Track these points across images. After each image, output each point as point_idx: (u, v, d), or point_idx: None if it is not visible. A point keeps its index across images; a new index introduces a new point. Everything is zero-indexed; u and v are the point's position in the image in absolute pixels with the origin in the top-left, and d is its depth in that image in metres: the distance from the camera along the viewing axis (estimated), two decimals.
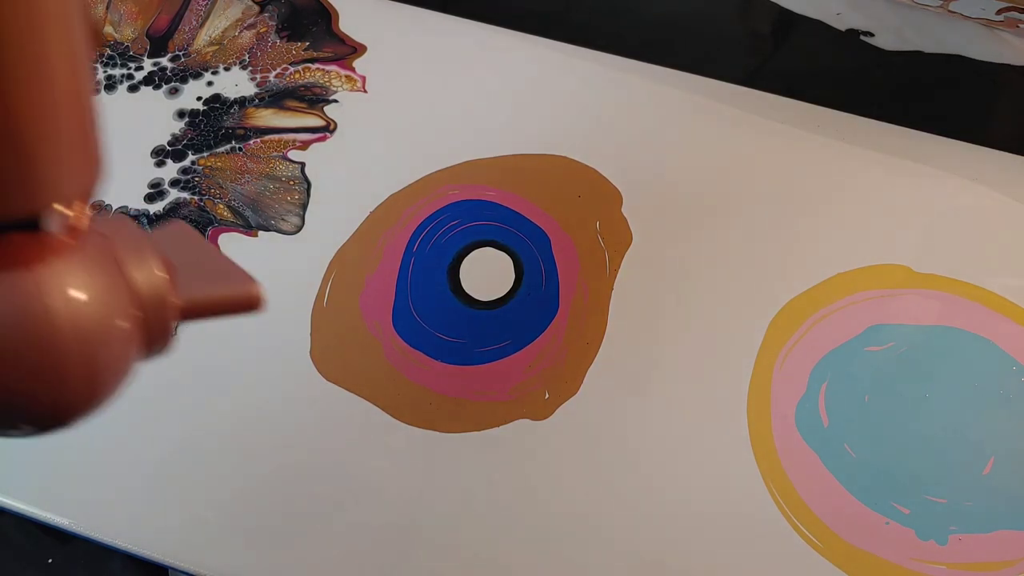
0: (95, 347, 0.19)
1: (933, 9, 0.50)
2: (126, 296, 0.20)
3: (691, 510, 0.35)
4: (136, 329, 0.21)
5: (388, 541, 0.35)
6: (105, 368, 0.20)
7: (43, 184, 0.17)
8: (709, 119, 0.46)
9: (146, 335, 0.21)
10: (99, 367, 0.20)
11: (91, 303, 0.19)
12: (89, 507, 0.36)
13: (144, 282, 0.21)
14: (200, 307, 0.24)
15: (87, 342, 0.19)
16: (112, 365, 0.20)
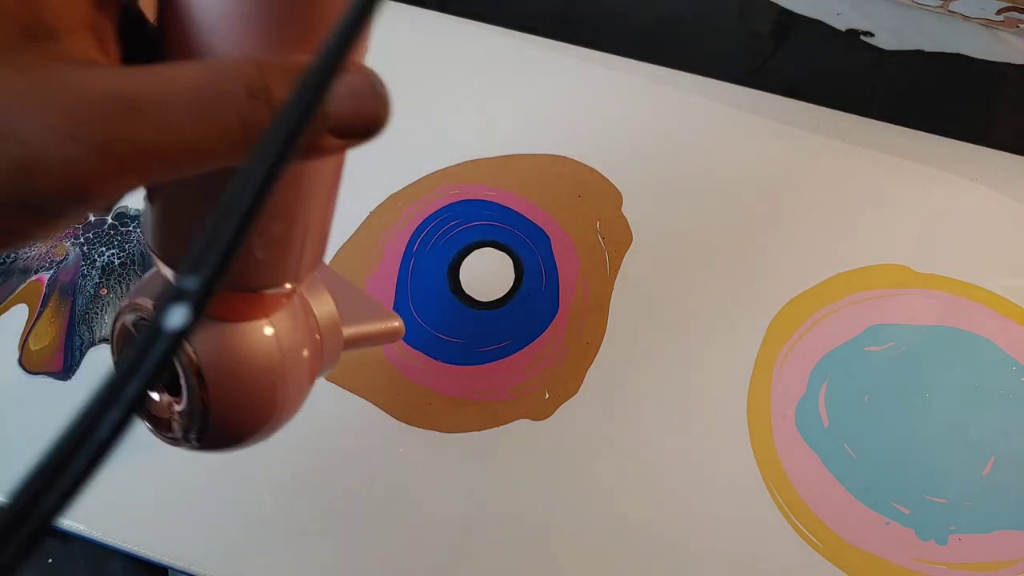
0: (296, 374, 0.25)
1: (933, 9, 0.50)
2: (312, 331, 0.26)
3: (691, 509, 0.35)
4: (316, 357, 0.26)
5: (388, 540, 0.35)
6: (297, 391, 0.26)
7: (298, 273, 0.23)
8: (709, 119, 0.46)
9: (320, 362, 0.27)
10: (296, 390, 0.25)
11: (296, 341, 0.25)
12: (89, 507, 0.36)
13: (323, 318, 0.27)
14: (358, 338, 0.29)
15: (293, 369, 0.25)
16: (302, 388, 0.26)
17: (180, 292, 0.11)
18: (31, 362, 0.40)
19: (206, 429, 0.24)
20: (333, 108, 0.18)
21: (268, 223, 0.21)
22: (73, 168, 0.16)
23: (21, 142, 0.15)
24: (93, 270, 0.42)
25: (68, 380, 0.39)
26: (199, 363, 0.23)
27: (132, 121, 0.16)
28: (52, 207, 0.16)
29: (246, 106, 0.17)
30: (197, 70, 0.17)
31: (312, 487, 0.36)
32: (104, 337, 0.40)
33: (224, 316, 0.23)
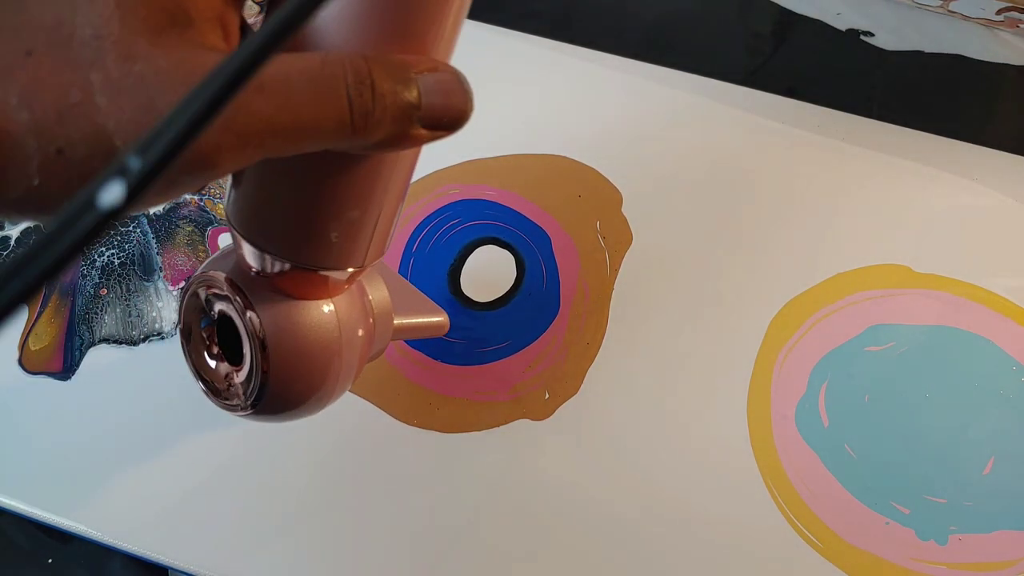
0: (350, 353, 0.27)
1: (933, 9, 0.50)
2: (367, 315, 0.28)
3: (691, 510, 0.35)
4: (368, 340, 0.28)
5: (388, 540, 0.35)
6: (349, 370, 0.28)
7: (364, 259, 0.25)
8: (709, 119, 0.46)
9: (371, 346, 0.29)
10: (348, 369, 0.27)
11: (353, 322, 0.27)
12: (89, 507, 0.36)
13: (377, 305, 0.29)
14: (406, 328, 0.32)
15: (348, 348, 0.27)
16: (353, 368, 0.28)
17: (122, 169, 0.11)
18: (31, 362, 0.40)
19: (263, 396, 0.26)
20: (425, 101, 0.20)
21: (346, 208, 0.23)
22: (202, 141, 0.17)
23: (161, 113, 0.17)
24: (93, 270, 0.42)
25: (68, 380, 0.39)
26: (264, 333, 0.25)
27: (257, 99, 0.18)
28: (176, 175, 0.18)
29: (354, 92, 0.19)
30: (312, 59, 0.19)
31: (312, 487, 0.36)
32: (104, 337, 0.40)
33: (291, 292, 0.25)
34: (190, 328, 0.28)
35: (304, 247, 0.24)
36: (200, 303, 0.27)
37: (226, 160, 0.18)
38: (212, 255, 0.28)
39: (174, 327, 0.41)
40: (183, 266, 0.42)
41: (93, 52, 0.17)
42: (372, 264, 0.26)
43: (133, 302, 0.41)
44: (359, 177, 0.23)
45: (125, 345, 0.40)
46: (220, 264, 0.26)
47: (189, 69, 0.18)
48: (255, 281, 0.25)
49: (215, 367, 0.28)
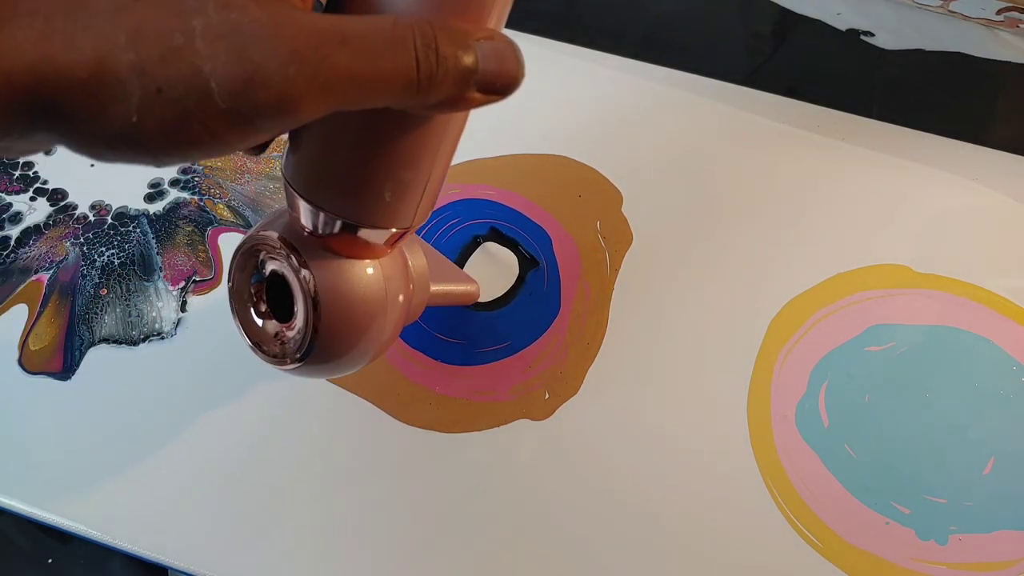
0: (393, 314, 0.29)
1: (933, 9, 0.50)
2: (408, 280, 0.30)
3: (691, 510, 0.35)
4: (407, 303, 0.30)
5: (388, 540, 0.35)
6: (391, 330, 0.29)
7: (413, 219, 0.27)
8: (709, 119, 0.46)
9: (409, 309, 0.31)
10: (390, 329, 0.29)
11: (396, 285, 0.29)
12: (89, 507, 0.36)
13: (416, 271, 0.31)
14: (441, 295, 0.34)
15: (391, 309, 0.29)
16: (394, 329, 0.30)
17: None
18: (31, 362, 0.40)
19: (312, 351, 0.27)
20: (482, 66, 0.22)
21: (400, 168, 0.25)
22: (290, 87, 0.19)
23: (252, 60, 0.19)
24: (93, 270, 0.42)
25: (68, 380, 0.39)
26: (316, 290, 0.27)
27: (341, 53, 0.20)
28: (260, 119, 0.19)
29: (421, 54, 0.21)
30: (386, 20, 0.21)
31: (312, 487, 0.36)
32: (104, 337, 0.40)
33: (342, 252, 0.27)
34: (239, 286, 0.30)
35: (359, 205, 0.26)
36: (252, 263, 0.29)
37: (307, 108, 0.20)
38: (262, 219, 0.29)
39: (174, 327, 0.41)
40: (183, 266, 0.42)
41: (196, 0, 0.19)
42: (418, 226, 0.28)
43: (133, 302, 0.41)
44: (414, 139, 0.24)
45: (125, 345, 0.40)
46: (272, 226, 0.28)
47: (278, 20, 0.19)
48: (307, 241, 0.27)
49: (262, 324, 0.29)
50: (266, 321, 0.29)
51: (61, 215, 0.44)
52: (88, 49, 0.18)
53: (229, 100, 0.19)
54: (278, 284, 0.29)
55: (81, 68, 0.18)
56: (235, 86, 0.19)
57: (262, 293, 0.29)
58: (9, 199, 0.45)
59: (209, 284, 0.42)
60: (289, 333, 0.28)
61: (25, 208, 0.45)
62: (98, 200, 0.45)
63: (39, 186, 0.45)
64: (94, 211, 0.44)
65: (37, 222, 0.44)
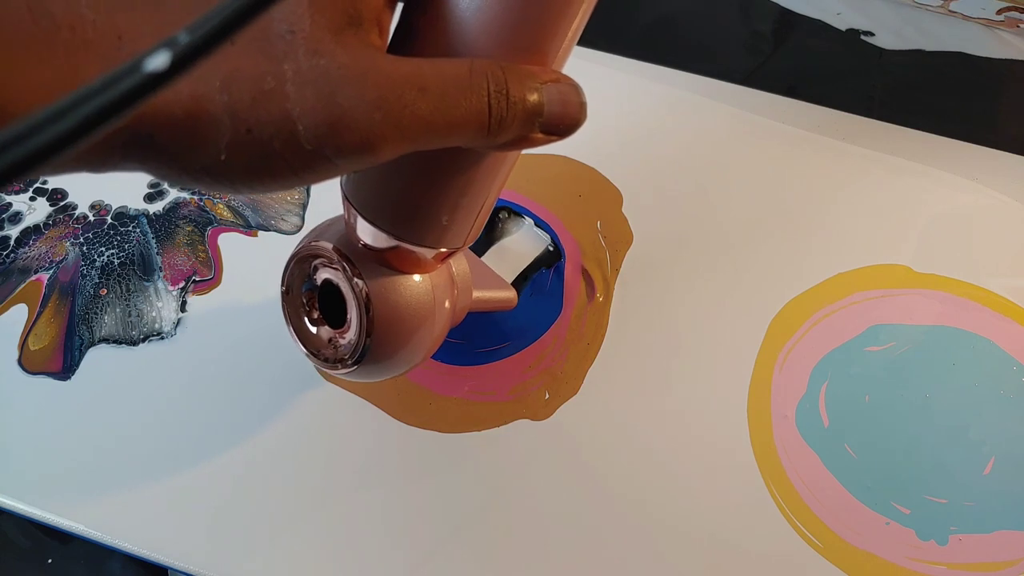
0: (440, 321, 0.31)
1: (933, 9, 0.50)
2: (453, 287, 0.32)
3: (691, 510, 0.35)
4: (452, 310, 0.32)
5: (388, 540, 0.35)
6: (438, 335, 0.31)
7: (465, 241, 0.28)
8: (709, 118, 0.46)
9: (454, 314, 0.32)
10: (437, 334, 0.31)
11: (444, 294, 0.31)
12: (89, 507, 0.36)
13: (460, 279, 0.33)
14: (481, 301, 0.35)
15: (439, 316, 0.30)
16: (441, 334, 0.31)
17: (171, 42, 0.12)
18: (30, 362, 0.40)
19: (364, 356, 0.29)
20: (547, 109, 0.23)
21: (459, 197, 0.26)
22: (373, 131, 0.20)
23: (339, 105, 0.19)
24: (92, 270, 0.42)
25: (67, 380, 0.39)
26: (369, 299, 0.28)
27: (420, 100, 0.20)
28: (340, 159, 0.20)
29: (494, 100, 0.22)
30: (461, 66, 0.21)
31: (312, 487, 0.36)
32: (104, 337, 0.40)
33: (395, 265, 0.29)
34: (292, 292, 0.31)
35: (416, 228, 0.27)
36: (306, 270, 0.31)
37: (386, 151, 0.21)
38: (316, 227, 0.31)
39: (173, 327, 0.41)
40: (183, 266, 0.42)
41: (287, 45, 0.19)
42: (469, 245, 0.29)
43: (133, 302, 0.41)
44: (474, 171, 0.26)
45: (125, 345, 0.40)
46: (326, 235, 0.29)
47: (364, 67, 0.20)
48: (361, 253, 0.28)
49: (316, 331, 0.31)
50: (319, 327, 0.31)
51: (61, 215, 0.44)
52: (185, 92, 0.19)
53: (314, 142, 0.20)
54: (330, 292, 0.30)
55: (178, 107, 0.18)
56: (321, 129, 0.19)
57: (314, 301, 0.31)
58: (9, 199, 0.45)
59: (209, 284, 0.42)
60: (342, 339, 0.30)
61: (25, 208, 0.45)
62: (98, 200, 0.45)
63: (39, 186, 0.45)
64: (94, 211, 0.44)
65: (37, 222, 0.44)
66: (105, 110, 0.11)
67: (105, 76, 0.11)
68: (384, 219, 0.27)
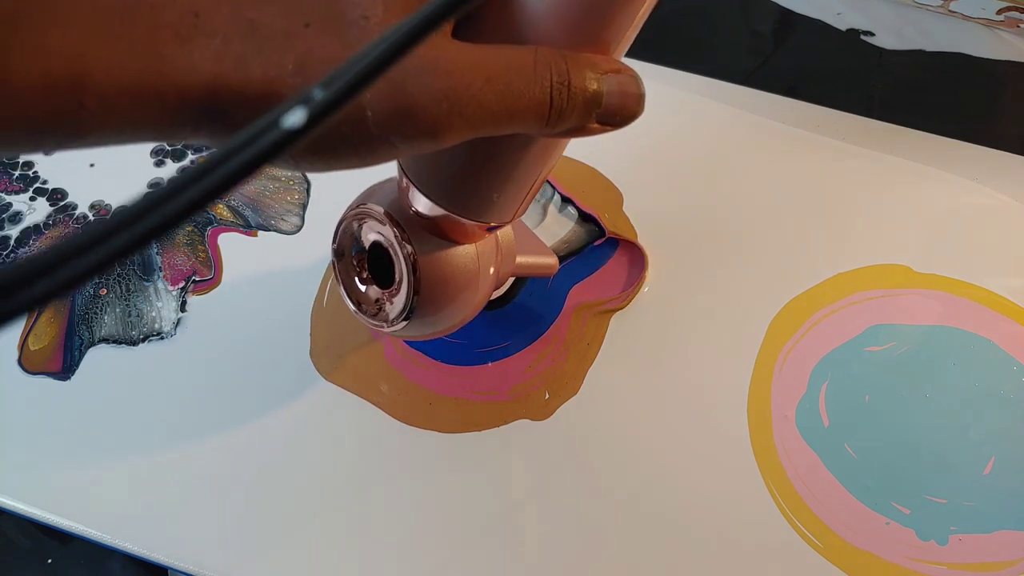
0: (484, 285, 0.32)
1: (933, 9, 0.50)
2: (497, 253, 0.33)
3: (691, 510, 0.35)
4: (496, 275, 0.33)
5: (387, 541, 0.35)
6: (481, 298, 0.33)
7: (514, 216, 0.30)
8: (709, 118, 0.46)
9: (498, 279, 0.34)
10: (480, 297, 0.33)
11: (489, 260, 0.32)
12: (89, 507, 0.36)
13: (504, 245, 0.34)
14: (523, 267, 0.36)
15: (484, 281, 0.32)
16: (484, 297, 0.33)
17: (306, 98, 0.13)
18: (30, 362, 0.40)
19: (410, 316, 0.31)
20: (606, 100, 0.23)
21: (511, 176, 0.27)
22: (437, 121, 0.20)
23: (409, 93, 0.20)
24: None
25: (67, 380, 0.39)
26: (418, 262, 0.30)
27: (486, 90, 0.21)
28: (404, 145, 0.21)
29: (556, 91, 0.22)
30: (526, 56, 0.22)
31: (312, 487, 0.36)
32: (103, 337, 0.40)
33: (443, 233, 0.30)
34: (344, 253, 0.33)
35: (468, 203, 0.28)
36: (355, 232, 0.32)
37: (448, 138, 0.21)
38: (368, 189, 0.32)
39: (173, 327, 0.41)
40: (183, 266, 0.42)
41: (359, 31, 0.20)
42: (517, 219, 0.31)
43: (132, 302, 0.41)
44: (526, 152, 0.26)
45: (125, 345, 0.40)
46: (378, 199, 0.31)
47: (435, 55, 0.20)
48: (412, 219, 0.30)
49: (365, 290, 0.33)
50: (368, 287, 0.33)
51: (61, 215, 0.44)
52: (259, 72, 0.19)
53: (382, 128, 0.20)
54: (378, 253, 0.32)
55: (251, 88, 0.19)
56: (389, 117, 0.20)
57: (363, 262, 0.33)
58: (9, 199, 0.45)
59: (209, 284, 0.42)
60: (390, 299, 0.32)
61: (25, 208, 0.45)
62: (98, 200, 0.45)
63: (39, 186, 0.45)
64: (94, 211, 0.44)
65: (37, 222, 0.44)
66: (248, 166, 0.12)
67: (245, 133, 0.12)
68: (437, 192, 0.28)
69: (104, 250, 0.12)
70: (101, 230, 0.12)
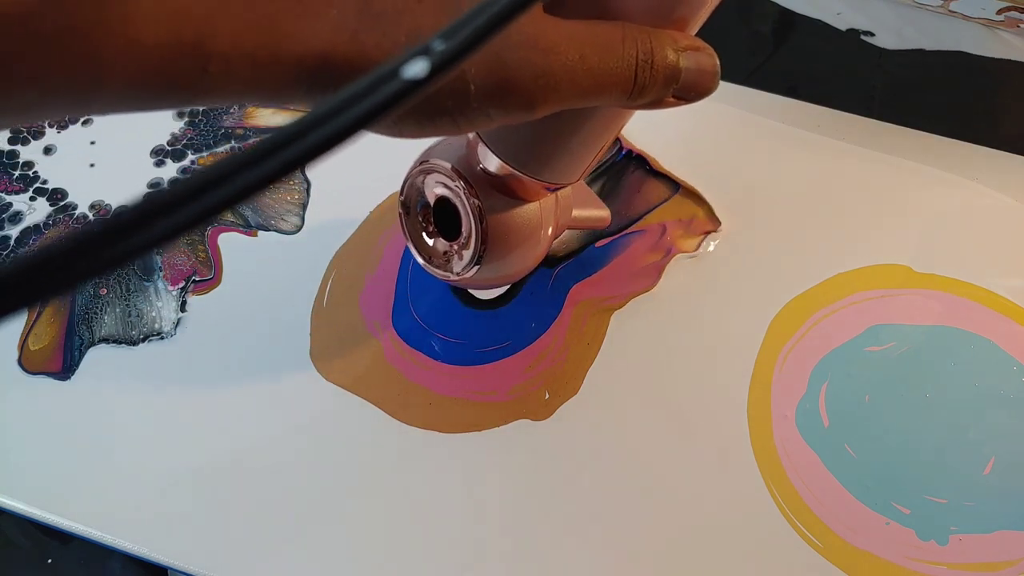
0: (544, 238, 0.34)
1: (933, 9, 0.50)
2: (556, 207, 0.34)
3: (691, 510, 0.35)
4: (555, 229, 0.35)
5: (387, 541, 0.35)
6: (541, 251, 0.34)
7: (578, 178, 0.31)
8: (709, 118, 0.46)
9: (556, 232, 0.35)
10: (540, 250, 0.34)
11: (548, 215, 0.34)
12: (89, 507, 0.36)
13: (562, 199, 0.35)
14: (578, 219, 0.38)
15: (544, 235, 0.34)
16: (544, 249, 0.35)
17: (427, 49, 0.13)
18: (30, 362, 0.40)
19: (480, 263, 0.32)
20: (684, 76, 0.24)
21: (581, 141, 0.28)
22: (533, 96, 0.21)
23: (510, 68, 0.21)
24: None
25: (67, 380, 0.39)
26: (483, 216, 0.31)
27: (578, 66, 0.21)
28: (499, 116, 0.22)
29: (640, 69, 0.23)
30: (614, 33, 0.22)
31: (312, 487, 0.36)
32: (103, 337, 0.40)
33: (507, 190, 0.31)
34: (410, 207, 0.34)
35: (536, 163, 0.29)
36: (421, 186, 0.33)
37: (542, 111, 0.22)
38: (435, 144, 0.33)
39: (173, 327, 0.41)
40: (183, 266, 0.42)
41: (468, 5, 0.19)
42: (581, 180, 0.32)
43: (133, 302, 0.41)
44: (600, 121, 0.28)
45: (125, 345, 0.40)
46: (445, 155, 0.32)
47: (535, 31, 0.21)
48: (478, 175, 0.31)
49: (432, 243, 0.34)
50: (435, 240, 0.34)
51: (61, 215, 0.44)
52: (372, 43, 0.20)
53: (482, 100, 0.21)
54: (442, 207, 0.33)
55: (364, 62, 0.20)
56: (491, 91, 0.21)
57: (429, 215, 0.34)
58: (9, 199, 0.45)
59: (209, 284, 0.42)
60: (459, 251, 0.33)
61: (25, 208, 0.45)
62: (98, 200, 0.45)
63: (39, 186, 0.45)
64: (94, 211, 0.44)
65: (37, 222, 0.44)
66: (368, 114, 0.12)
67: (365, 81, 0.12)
68: (507, 153, 0.29)
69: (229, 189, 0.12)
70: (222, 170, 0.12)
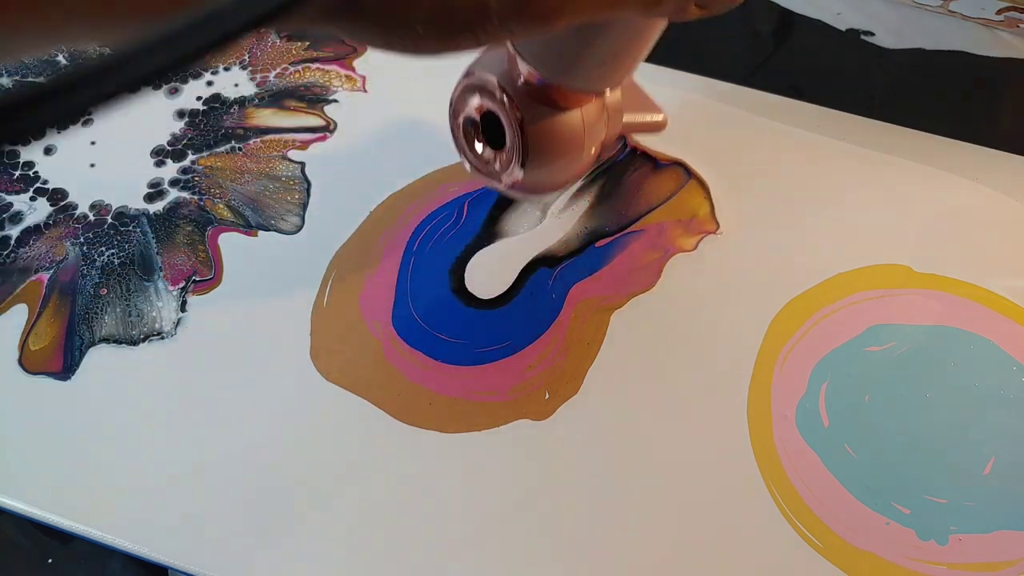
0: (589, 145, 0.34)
1: (933, 9, 0.50)
2: (603, 113, 0.35)
3: (691, 510, 0.35)
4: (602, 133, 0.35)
5: (388, 541, 0.35)
6: (587, 159, 0.35)
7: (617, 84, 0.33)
8: (709, 118, 0.46)
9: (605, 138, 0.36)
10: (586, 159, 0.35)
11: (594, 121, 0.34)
12: (89, 507, 0.36)
13: (611, 104, 0.35)
14: (631, 125, 0.38)
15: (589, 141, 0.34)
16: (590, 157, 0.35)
17: None
18: (31, 362, 0.40)
19: (523, 173, 0.33)
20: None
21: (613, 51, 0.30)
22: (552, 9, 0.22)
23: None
24: (93, 270, 0.42)
25: (68, 380, 0.39)
26: (524, 126, 0.32)
27: None
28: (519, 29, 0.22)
29: None
30: None
31: (311, 487, 0.36)
32: (104, 337, 0.40)
33: (552, 101, 0.32)
34: (459, 118, 0.35)
35: (574, 74, 0.31)
36: (468, 99, 0.35)
37: (559, 24, 0.22)
38: (482, 56, 0.34)
39: (174, 327, 0.41)
40: (183, 266, 0.42)
41: None
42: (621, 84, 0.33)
43: (133, 302, 0.41)
44: (629, 31, 0.29)
45: (125, 345, 0.40)
46: (490, 68, 0.33)
47: None
48: (521, 89, 0.32)
49: (481, 152, 0.36)
50: (484, 148, 0.36)
51: (61, 215, 0.44)
52: None
53: (502, 15, 0.21)
54: (491, 117, 0.34)
55: None
56: (511, 6, 0.21)
57: (478, 125, 0.35)
58: (9, 199, 0.45)
59: (209, 284, 0.42)
60: (504, 163, 0.34)
61: (25, 208, 0.45)
62: (98, 200, 0.45)
63: (39, 186, 0.45)
64: (94, 211, 0.44)
65: (37, 222, 0.44)
66: None
67: None
68: (540, 63, 0.30)
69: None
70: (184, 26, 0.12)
